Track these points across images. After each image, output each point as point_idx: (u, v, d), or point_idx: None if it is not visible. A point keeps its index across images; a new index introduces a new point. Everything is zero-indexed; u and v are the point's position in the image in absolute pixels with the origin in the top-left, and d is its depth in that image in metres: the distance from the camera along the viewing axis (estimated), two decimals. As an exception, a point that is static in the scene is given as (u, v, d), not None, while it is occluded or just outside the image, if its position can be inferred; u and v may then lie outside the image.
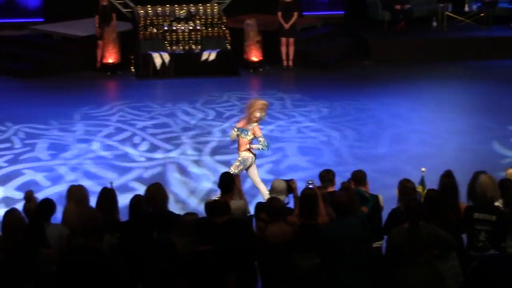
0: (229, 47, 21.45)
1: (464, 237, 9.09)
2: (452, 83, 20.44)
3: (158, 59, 20.85)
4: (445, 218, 8.68)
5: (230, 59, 21.29)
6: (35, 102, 18.53)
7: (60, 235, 8.56)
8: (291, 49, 21.70)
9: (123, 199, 10.05)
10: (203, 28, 21.60)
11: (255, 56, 21.34)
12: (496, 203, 9.12)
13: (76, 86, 20.05)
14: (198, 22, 21.61)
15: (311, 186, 9.14)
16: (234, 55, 21.35)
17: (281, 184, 9.63)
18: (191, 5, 22.03)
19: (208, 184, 13.56)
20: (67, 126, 16.79)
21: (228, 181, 9.72)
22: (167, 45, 21.20)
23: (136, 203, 9.03)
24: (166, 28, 21.39)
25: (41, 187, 13.33)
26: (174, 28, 21.41)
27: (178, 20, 21.65)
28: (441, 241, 8.20)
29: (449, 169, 9.64)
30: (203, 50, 21.22)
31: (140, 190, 11.88)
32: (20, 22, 23.64)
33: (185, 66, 21.01)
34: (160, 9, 21.85)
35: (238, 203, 9.59)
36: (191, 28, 21.46)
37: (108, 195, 9.34)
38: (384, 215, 9.66)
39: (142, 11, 21.76)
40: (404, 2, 23.71)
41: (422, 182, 10.47)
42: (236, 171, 11.97)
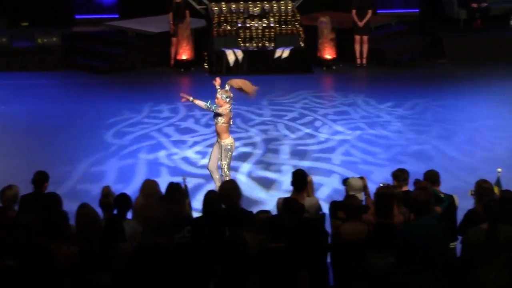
0: (302, 44, 21.38)
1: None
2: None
3: (232, 56, 20.88)
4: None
5: (304, 56, 21.23)
6: (109, 98, 18.70)
7: (135, 231, 8.58)
8: (365, 47, 21.53)
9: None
10: (277, 25, 21.56)
11: (328, 54, 21.22)
12: None
13: (150, 82, 20.19)
14: (272, 19, 21.59)
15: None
16: (307, 52, 21.28)
17: (358, 182, 9.50)
18: (265, 2, 22.03)
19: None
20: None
21: (301, 179, 9.63)
22: (241, 42, 21.22)
23: (210, 199, 9.00)
24: (239, 25, 21.43)
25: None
26: (248, 25, 21.43)
27: (252, 17, 21.66)
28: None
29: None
30: (276, 47, 21.19)
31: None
32: (96, 18, 23.92)
33: (258, 63, 21.01)
34: (234, 6, 21.89)
35: (312, 201, 9.51)
36: (264, 25, 21.46)
37: (175, 190, 9.31)
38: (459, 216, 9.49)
39: (216, 8, 21.83)
40: (480, 0, 23.33)
41: (498, 183, 10.27)
42: (228, 161, 12.20)
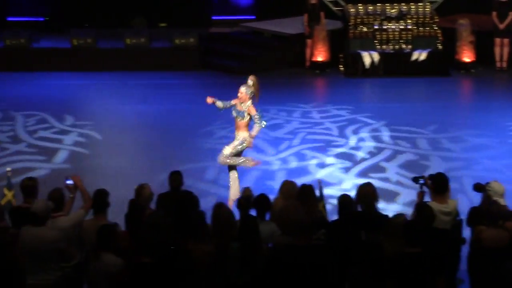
0: (440, 47, 20.99)
1: None
2: None
3: (368, 58, 20.69)
4: None
5: (441, 59, 20.84)
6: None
7: (272, 233, 8.55)
8: (506, 50, 20.95)
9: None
10: (414, 27, 21.24)
11: (467, 56, 20.75)
12: None
13: (285, 83, 20.21)
14: (409, 21, 21.29)
15: None
16: (445, 55, 20.87)
17: (501, 187, 9.21)
18: (403, 4, 21.73)
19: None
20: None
21: (443, 182, 9.38)
22: (377, 44, 21.00)
23: (346, 202, 8.91)
24: (376, 27, 21.21)
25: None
26: (385, 27, 21.20)
27: (389, 19, 21.41)
28: None
29: None
30: (413, 49, 20.87)
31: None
32: (232, 19, 24.11)
33: (395, 65, 20.75)
34: (371, 7, 21.68)
35: (451, 206, 9.26)
36: (402, 27, 21.18)
37: (307, 192, 9.24)
38: None
39: (353, 10, 21.67)
40: None
41: None
42: (232, 151, 12.02)
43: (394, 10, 21.60)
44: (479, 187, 9.44)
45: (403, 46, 21.03)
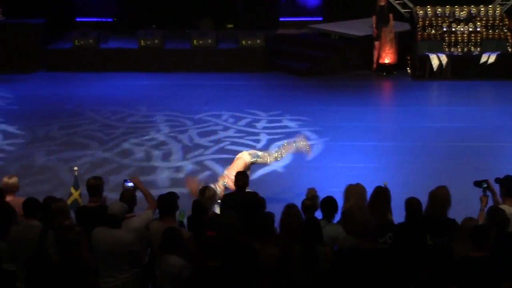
0: (510, 50, 20.66)
1: None
2: None
3: (435, 60, 20.44)
4: None
5: (511, 62, 20.48)
6: (311, 100, 18.74)
7: (338, 236, 8.49)
8: None
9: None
10: (483, 29, 20.93)
11: (537, 59, 20.41)
12: None
13: (351, 85, 20.10)
14: (478, 23, 21.00)
15: None
16: (515, 58, 20.55)
17: None
18: (472, 6, 21.43)
19: None
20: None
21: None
22: (445, 46, 20.76)
23: (414, 205, 8.78)
24: (445, 29, 20.97)
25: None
26: (453, 29, 20.94)
27: (458, 21, 21.14)
28: None
29: None
30: (482, 52, 20.57)
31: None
32: (299, 20, 24.06)
33: (463, 68, 20.50)
34: (439, 9, 21.44)
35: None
36: (471, 29, 20.89)
37: (381, 194, 9.13)
38: None
39: (421, 12, 21.46)
40: None
41: None
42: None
43: (463, 12, 21.33)
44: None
45: (472, 48, 20.74)
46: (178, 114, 17.57)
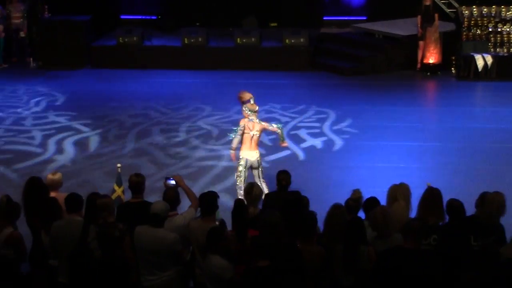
0: (556, 51, 20.43)
1: None
2: None
3: (481, 61, 20.25)
4: None
5: (558, 63, 20.26)
6: (355, 100, 18.68)
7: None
8: None
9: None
10: (530, 30, 20.73)
11: None
12: None
13: (394, 85, 19.99)
14: (525, 24, 20.80)
15: None
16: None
17: None
18: (519, 6, 21.22)
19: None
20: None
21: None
22: (491, 46, 20.57)
23: (456, 207, 8.70)
24: (490, 29, 20.78)
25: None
26: (499, 29, 20.75)
27: (504, 21, 20.95)
28: None
29: None
30: (528, 53, 20.37)
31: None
32: (343, 20, 23.99)
33: (508, 68, 20.30)
34: (485, 9, 21.23)
35: None
36: (517, 30, 20.69)
37: (433, 195, 9.02)
38: None
39: (467, 12, 21.26)
40: None
41: None
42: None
43: (510, 12, 21.11)
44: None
45: (518, 49, 20.55)
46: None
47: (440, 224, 8.73)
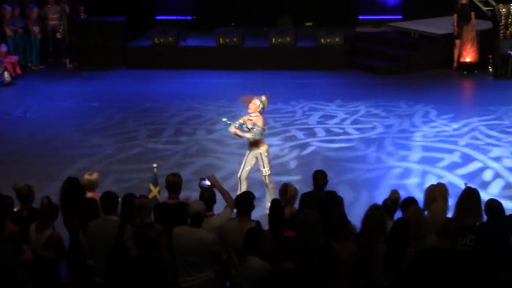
0: None
1: None
2: None
3: (519, 59, 20.14)
4: None
5: None
6: (392, 98, 18.57)
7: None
8: None
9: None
10: None
11: None
12: None
13: (431, 84, 19.88)
14: None
15: None
16: None
17: None
18: (558, 4, 20.99)
19: None
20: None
21: None
22: (532, 45, 20.41)
23: (495, 207, 8.62)
24: (533, 27, 20.62)
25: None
26: (544, 27, 20.57)
27: (544, 19, 20.74)
28: None
29: None
30: None
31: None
32: (379, 19, 23.92)
33: (546, 67, 20.10)
34: (523, 7, 21.03)
35: None
36: None
37: (471, 196, 8.93)
38: None
39: (504, 10, 21.04)
40: None
41: None
42: (270, 168, 11.96)
43: (547, 10, 20.91)
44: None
45: (557, 46, 20.34)
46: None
47: (477, 224, 8.66)
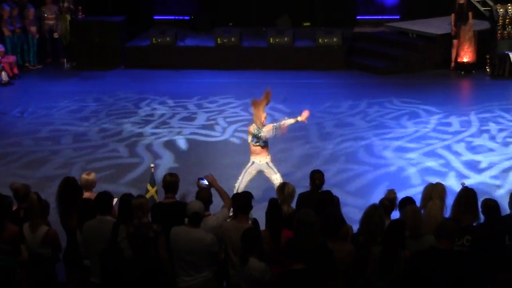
0: None
1: None
2: None
3: (516, 59, 20.14)
4: None
5: None
6: (389, 98, 18.58)
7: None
8: None
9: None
10: None
11: None
12: None
13: (429, 84, 19.90)
14: None
15: None
16: None
17: None
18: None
19: None
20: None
21: None
22: (532, 45, 20.44)
23: (492, 207, 8.61)
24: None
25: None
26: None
27: (541, 19, 20.76)
28: None
29: None
30: None
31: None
32: (377, 19, 23.94)
33: (544, 67, 20.12)
34: (520, 7, 21.05)
35: None
36: None
37: (468, 196, 8.90)
38: None
39: (502, 10, 21.07)
40: None
41: None
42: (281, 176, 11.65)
43: (545, 10, 20.92)
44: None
45: (554, 47, 20.36)
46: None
47: (474, 224, 8.66)
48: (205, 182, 9.49)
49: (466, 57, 20.53)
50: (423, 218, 8.57)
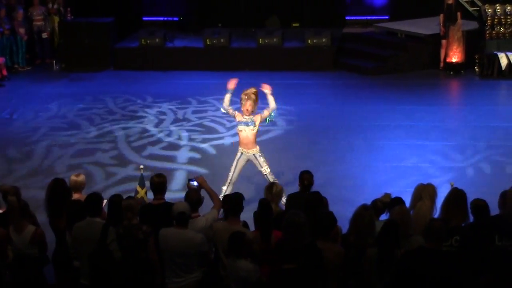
0: None
1: None
2: None
3: (504, 59, 20.15)
4: None
5: None
6: (378, 99, 18.60)
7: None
8: None
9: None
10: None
11: None
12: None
13: (418, 84, 19.92)
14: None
15: None
16: None
17: None
18: (543, 3, 21.09)
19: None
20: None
21: None
22: (514, 45, 20.47)
23: (481, 207, 8.62)
24: (518, 27, 20.72)
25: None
26: (535, 27, 20.67)
27: (528, 19, 20.81)
28: None
29: None
30: (554, 51, 20.24)
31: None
32: (366, 19, 23.95)
33: (532, 67, 20.18)
34: (509, 7, 21.07)
35: None
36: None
37: (458, 196, 8.88)
38: None
39: (490, 10, 21.13)
40: None
41: None
42: (269, 169, 11.82)
43: (534, 11, 20.99)
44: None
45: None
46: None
47: (462, 225, 8.67)
48: (195, 183, 9.49)
49: (455, 57, 20.56)
50: (412, 218, 8.59)
